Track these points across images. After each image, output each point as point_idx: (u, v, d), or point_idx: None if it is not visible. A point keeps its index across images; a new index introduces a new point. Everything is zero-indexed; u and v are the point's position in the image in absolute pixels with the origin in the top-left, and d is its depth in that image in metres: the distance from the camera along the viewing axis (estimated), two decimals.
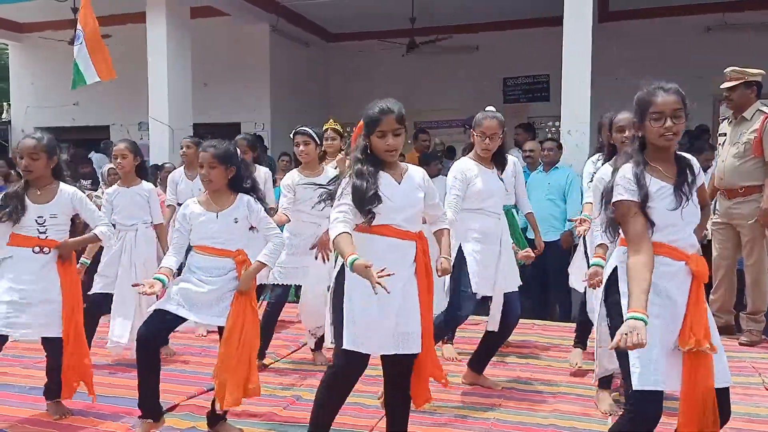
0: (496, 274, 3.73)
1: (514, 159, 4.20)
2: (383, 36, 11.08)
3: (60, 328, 3.39)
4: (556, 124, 9.26)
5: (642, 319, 2.20)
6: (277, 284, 4.28)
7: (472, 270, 3.67)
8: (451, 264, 2.99)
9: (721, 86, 4.79)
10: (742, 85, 4.69)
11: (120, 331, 4.34)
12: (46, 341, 3.46)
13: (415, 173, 2.84)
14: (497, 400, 3.67)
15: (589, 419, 3.39)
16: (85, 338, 3.54)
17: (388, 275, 2.42)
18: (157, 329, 3.17)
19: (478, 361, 3.93)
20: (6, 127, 12.26)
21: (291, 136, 4.32)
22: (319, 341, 4.43)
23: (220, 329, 3.21)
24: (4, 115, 13.42)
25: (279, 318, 5.46)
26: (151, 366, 3.18)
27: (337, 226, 2.61)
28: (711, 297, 4.98)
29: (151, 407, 3.23)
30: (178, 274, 3.26)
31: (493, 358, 4.09)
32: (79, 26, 6.89)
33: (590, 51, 6.58)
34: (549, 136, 9.18)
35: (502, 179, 3.82)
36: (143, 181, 4.46)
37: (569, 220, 4.25)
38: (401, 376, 2.82)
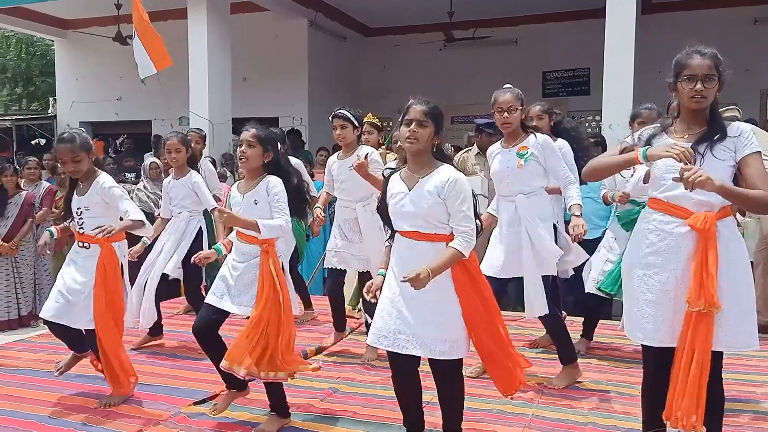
0: (521, 258, 3.67)
1: (543, 137, 3.75)
2: (421, 30, 11.05)
3: (90, 320, 3.45)
4: (597, 118, 9.11)
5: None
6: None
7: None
8: (422, 279, 2.47)
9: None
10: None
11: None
12: (87, 330, 3.56)
13: (436, 179, 2.65)
14: (536, 396, 3.63)
15: (630, 418, 3.31)
16: (119, 334, 3.56)
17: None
18: (207, 320, 3.24)
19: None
20: (52, 122, 12.57)
21: (330, 119, 4.35)
22: None
23: None
24: (50, 110, 13.78)
25: (318, 312, 5.50)
26: (216, 350, 3.24)
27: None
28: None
29: (231, 379, 3.28)
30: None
31: (535, 355, 4.09)
32: (133, 24, 7.08)
33: (633, 43, 6.46)
34: (589, 130, 9.04)
35: (526, 156, 3.65)
36: (192, 171, 4.66)
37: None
38: (438, 375, 2.80)
